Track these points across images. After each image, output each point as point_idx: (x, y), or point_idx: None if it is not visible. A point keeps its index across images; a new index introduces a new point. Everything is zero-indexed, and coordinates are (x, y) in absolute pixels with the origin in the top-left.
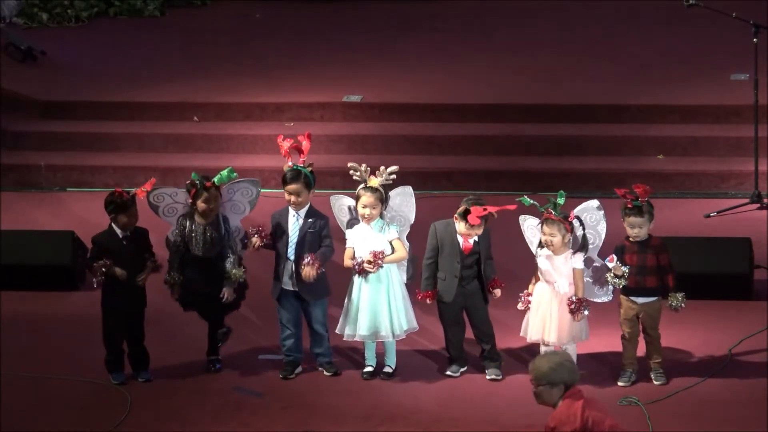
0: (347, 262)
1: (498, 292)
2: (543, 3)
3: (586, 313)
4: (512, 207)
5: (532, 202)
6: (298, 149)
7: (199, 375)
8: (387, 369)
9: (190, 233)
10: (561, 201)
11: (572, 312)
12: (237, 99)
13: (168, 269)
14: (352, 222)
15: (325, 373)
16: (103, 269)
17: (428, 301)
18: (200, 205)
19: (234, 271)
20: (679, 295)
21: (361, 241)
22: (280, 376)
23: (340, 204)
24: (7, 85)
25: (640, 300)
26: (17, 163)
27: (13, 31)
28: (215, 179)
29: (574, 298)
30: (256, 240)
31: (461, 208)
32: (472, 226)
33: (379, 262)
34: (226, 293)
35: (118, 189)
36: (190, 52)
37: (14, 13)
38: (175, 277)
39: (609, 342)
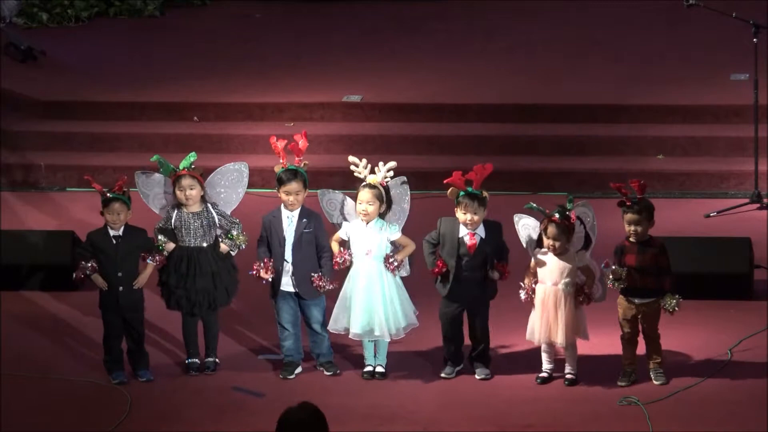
0: (333, 245)
1: (496, 274)
2: (543, 3)
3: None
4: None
5: (539, 208)
6: (294, 149)
7: (199, 375)
8: (379, 369)
9: (179, 223)
10: (570, 206)
11: (581, 302)
12: (237, 99)
13: (155, 238)
14: (340, 216)
15: (325, 373)
16: (87, 272)
17: (444, 269)
18: (178, 194)
19: (241, 237)
20: (676, 298)
21: (356, 236)
22: (280, 376)
23: (329, 198)
24: (7, 85)
25: (638, 300)
26: (17, 163)
27: (13, 31)
28: (180, 165)
29: (585, 288)
30: (264, 273)
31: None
32: (466, 212)
33: (395, 263)
34: (224, 247)
35: (93, 183)
36: (190, 52)
37: (14, 13)
38: (164, 240)
39: (609, 342)
